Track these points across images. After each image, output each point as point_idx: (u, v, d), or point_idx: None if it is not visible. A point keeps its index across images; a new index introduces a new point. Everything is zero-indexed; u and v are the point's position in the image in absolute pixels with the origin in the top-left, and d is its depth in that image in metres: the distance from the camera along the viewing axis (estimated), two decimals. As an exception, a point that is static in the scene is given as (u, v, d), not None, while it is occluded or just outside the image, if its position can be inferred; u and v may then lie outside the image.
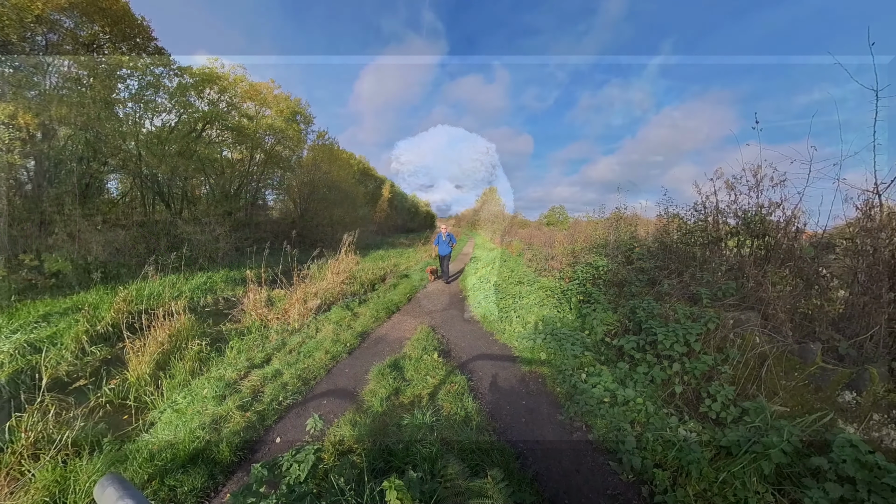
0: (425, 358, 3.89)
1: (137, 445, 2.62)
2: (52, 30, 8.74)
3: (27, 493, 2.18)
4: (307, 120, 17.42)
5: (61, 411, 3.27)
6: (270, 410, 3.06)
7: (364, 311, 5.89)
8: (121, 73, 10.29)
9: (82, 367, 4.78)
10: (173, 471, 2.36)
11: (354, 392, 3.40)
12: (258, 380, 3.56)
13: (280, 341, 4.68)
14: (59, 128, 8.96)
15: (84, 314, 5.75)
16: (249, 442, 2.72)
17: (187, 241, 9.51)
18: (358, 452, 2.36)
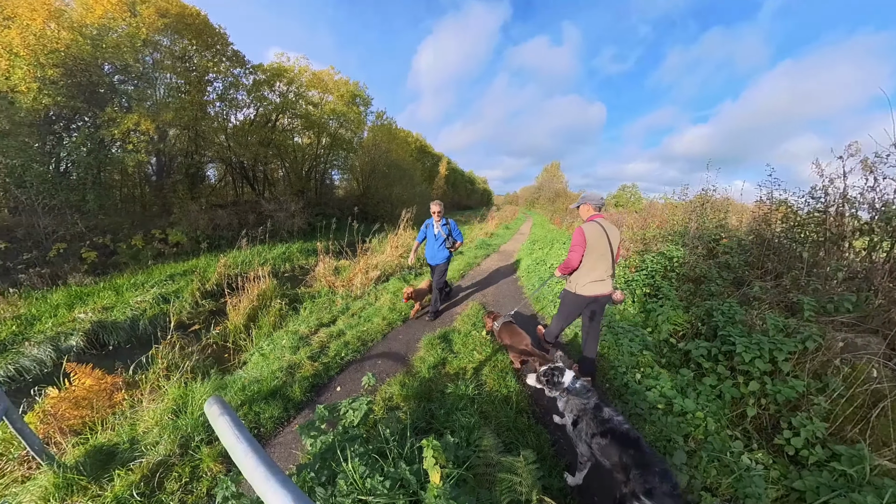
0: (473, 334, 3.98)
1: (234, 378, 3.26)
2: (156, 49, 10.42)
3: (163, 401, 2.91)
4: (366, 102, 18.07)
5: (184, 346, 4.23)
6: (334, 363, 3.47)
7: (419, 284, 6.24)
8: (208, 77, 12.04)
9: (197, 316, 6.06)
10: (258, 400, 2.86)
11: (405, 357, 3.63)
12: (325, 337, 4.05)
13: (344, 305, 5.22)
14: (169, 129, 10.83)
15: (197, 275, 7.21)
16: (315, 387, 3.16)
17: (269, 218, 10.95)
18: (404, 410, 2.61)
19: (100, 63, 9.28)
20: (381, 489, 1.46)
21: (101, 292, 6.56)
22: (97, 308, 5.90)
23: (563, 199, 27.71)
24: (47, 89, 8.13)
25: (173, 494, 2.07)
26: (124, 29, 9.48)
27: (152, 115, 9.53)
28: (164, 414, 2.70)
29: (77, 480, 2.11)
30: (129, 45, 9.32)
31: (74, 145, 8.89)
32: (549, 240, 11.01)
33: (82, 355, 4.91)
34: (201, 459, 2.28)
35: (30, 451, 2.14)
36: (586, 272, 2.81)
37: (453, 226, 4.54)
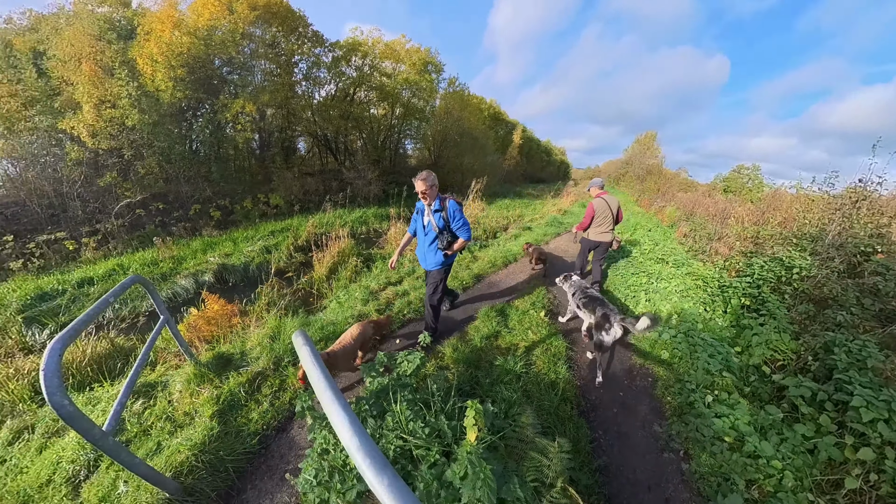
0: (531, 313, 3.95)
1: (315, 318, 3.82)
2: (251, 40, 11.96)
3: (263, 328, 3.61)
4: (438, 69, 17.81)
5: (280, 289, 5.15)
6: (396, 319, 3.78)
7: (483, 256, 6.07)
8: (294, 59, 13.36)
9: (290, 265, 7.14)
10: (332, 339, 3.29)
11: (460, 324, 3.75)
12: (391, 294, 4.41)
13: (411, 268, 5.48)
14: (266, 109, 12.40)
15: (291, 232, 8.46)
16: None
17: (349, 185, 12.08)
18: (452, 371, 2.76)
19: (211, 58, 11.10)
20: (420, 433, 1.65)
21: (224, 242, 8.33)
22: (221, 254, 7.59)
23: (656, 179, 22.42)
24: (178, 86, 10.07)
25: (266, 397, 2.68)
26: (226, 27, 11.02)
27: (253, 99, 11.15)
28: (264, 337, 3.40)
29: (206, 374, 2.86)
30: (231, 40, 10.89)
31: (200, 128, 11.04)
32: (632, 224, 9.40)
33: (212, 288, 6.32)
34: (288, 376, 2.85)
35: (180, 349, 2.97)
36: (595, 227, 4.46)
37: (454, 211, 2.89)
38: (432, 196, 2.90)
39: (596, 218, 4.36)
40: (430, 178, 2.85)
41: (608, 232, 4.39)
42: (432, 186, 2.88)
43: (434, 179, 2.88)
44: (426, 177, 2.83)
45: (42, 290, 5.84)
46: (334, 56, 14.37)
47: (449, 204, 2.94)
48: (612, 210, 4.30)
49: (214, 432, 2.30)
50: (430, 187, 2.86)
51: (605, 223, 4.34)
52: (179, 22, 10.35)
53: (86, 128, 9.48)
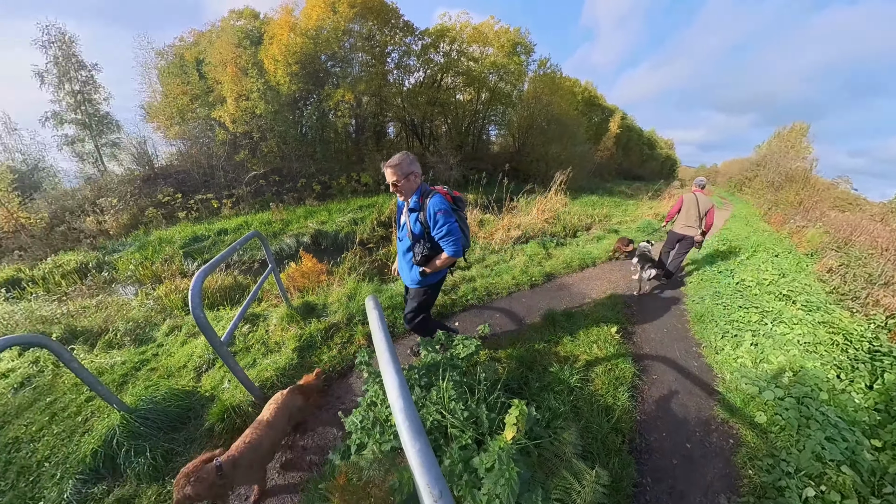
0: (602, 326, 3.58)
1: (387, 287, 4.19)
2: (350, 35, 13.35)
3: (343, 288, 4.15)
4: (527, 49, 17.01)
5: (361, 256, 5.77)
6: (459, 302, 3.88)
7: (558, 254, 5.76)
8: (388, 50, 14.33)
9: (372, 237, 7.82)
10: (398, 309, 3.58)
11: (522, 320, 3.64)
12: (458, 278, 4.48)
13: (481, 256, 5.56)
14: (362, 97, 13.59)
15: (376, 209, 9.25)
16: (440, 315, 3.67)
17: (431, 168, 12.54)
18: (503, 365, 2.73)
19: (318, 55, 12.67)
20: (459, 415, 1.69)
21: (321, 212, 9.67)
22: (318, 221, 8.82)
23: (799, 188, 16.28)
24: (293, 80, 11.92)
25: (336, 345, 3.12)
26: (330, 25, 12.44)
27: (351, 88, 12.50)
28: (342, 296, 3.93)
29: (295, 316, 3.47)
30: (334, 37, 12.33)
31: (309, 115, 12.84)
32: (751, 244, 7.28)
33: (308, 248, 7.39)
34: (356, 332, 3.26)
35: (280, 293, 3.66)
36: (679, 220, 4.68)
37: (436, 213, 2.02)
38: (408, 189, 2.04)
39: (682, 210, 4.60)
40: (403, 165, 1.98)
41: (691, 227, 4.54)
42: (407, 176, 1.99)
43: (410, 166, 2.00)
44: (398, 162, 1.97)
45: (195, 234, 8.28)
46: (423, 44, 14.93)
47: (430, 202, 2.01)
48: (699, 208, 4.46)
49: (293, 362, 2.85)
50: (403, 177, 1.98)
51: (689, 218, 4.53)
52: (294, 26, 12.16)
53: (229, 116, 12.05)
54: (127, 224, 9.76)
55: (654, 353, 3.43)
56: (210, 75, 12.85)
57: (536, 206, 7.86)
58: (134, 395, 2.49)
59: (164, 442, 2.24)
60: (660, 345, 3.58)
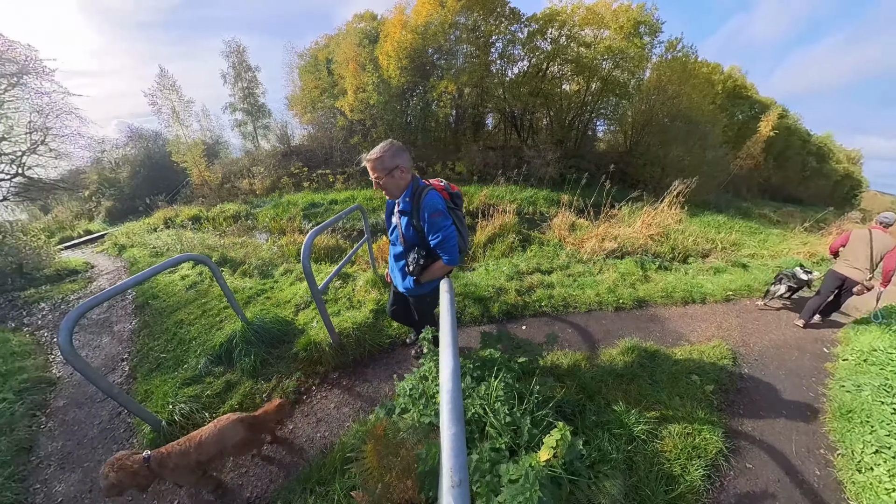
0: (694, 378, 2.85)
1: (462, 275, 4.29)
2: (456, 28, 13.78)
3: None
4: (653, 29, 14.68)
5: None
6: (532, 306, 3.69)
7: (658, 280, 4.79)
8: (491, 40, 14.26)
9: None
10: (468, 297, 3.69)
11: (596, 343, 3.24)
12: (536, 281, 4.28)
13: (565, 262, 5.12)
14: (464, 88, 13.92)
15: (465, 198, 9.37)
16: (509, 314, 3.55)
17: (527, 163, 12.21)
18: (562, 385, 2.45)
19: (426, 49, 13.53)
20: (501, 417, 1.64)
21: None
22: None
23: None
24: (403, 73, 13.11)
25: None
26: (437, 20, 13.07)
27: (454, 79, 13.08)
28: None
29: (377, 282, 3.85)
30: (441, 31, 13.01)
31: (414, 105, 13.84)
32: None
33: None
34: None
35: (370, 260, 4.16)
36: (843, 257, 3.71)
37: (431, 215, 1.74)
38: (394, 187, 1.75)
39: (847, 246, 3.68)
40: (385, 158, 1.68)
41: (857, 270, 3.57)
42: (391, 171, 1.69)
43: (393, 158, 1.69)
44: (378, 154, 1.68)
45: (313, 201, 10.42)
46: (529, 31, 14.34)
47: (424, 202, 1.73)
48: (872, 247, 3.46)
49: (368, 321, 3.17)
50: (385, 173, 1.69)
51: (856, 257, 3.57)
52: (405, 23, 13.24)
53: (348, 106, 13.96)
54: (268, 187, 13.18)
55: (758, 434, 2.51)
56: (336, 71, 15.33)
57: (642, 218, 6.62)
58: (252, 313, 3.19)
59: (264, 352, 2.89)
60: (770, 427, 2.60)
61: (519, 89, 14.38)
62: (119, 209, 15.19)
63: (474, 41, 13.81)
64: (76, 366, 1.77)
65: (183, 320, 3.82)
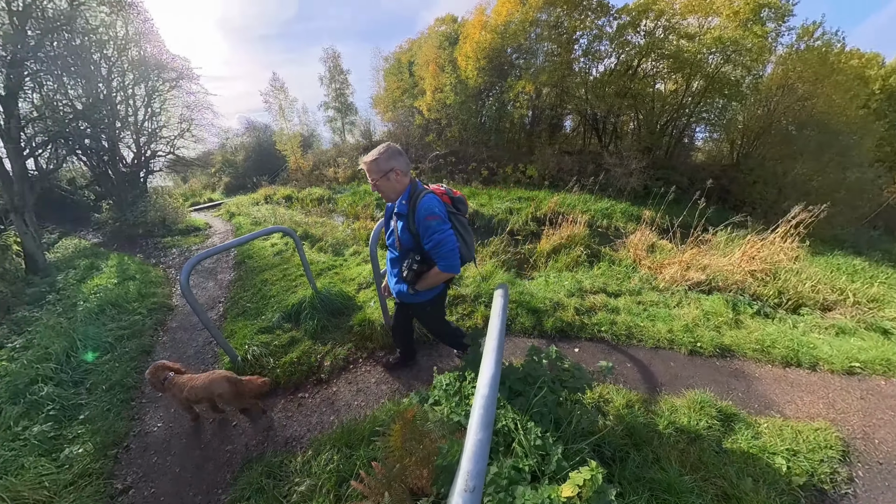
0: (778, 463, 2.20)
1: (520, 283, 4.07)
2: (537, 25, 13.21)
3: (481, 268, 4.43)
4: (781, 12, 11.82)
5: (507, 245, 6.10)
6: (589, 328, 3.35)
7: (753, 328, 3.76)
8: (575, 36, 13.35)
9: (522, 230, 7.76)
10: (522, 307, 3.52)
11: (657, 386, 2.78)
12: (599, 302, 3.84)
13: (637, 287, 4.46)
14: (543, 88, 13.51)
15: (534, 203, 9.11)
16: (563, 332, 3.32)
17: (606, 171, 11.14)
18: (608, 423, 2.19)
19: (505, 48, 13.39)
20: (531, 437, 1.57)
21: (482, 195, 10.39)
22: (478, 203, 9.48)
23: None
24: (480, 74, 13.25)
25: (457, 313, 3.47)
26: (518, 18, 12.73)
27: (533, 79, 12.71)
28: (478, 275, 4.15)
29: None
30: (521, 29, 12.69)
31: (489, 106, 13.90)
32: None
33: None
34: (478, 311, 3.47)
35: None
36: None
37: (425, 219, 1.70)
38: (390, 190, 1.75)
39: None
40: (380, 160, 1.68)
41: None
42: (386, 174, 1.70)
43: (389, 161, 1.69)
44: (374, 157, 1.69)
45: None
46: (619, 24, 13.02)
47: (420, 206, 1.69)
48: None
49: None
50: (380, 175, 1.70)
51: None
52: (485, 24, 13.29)
53: (426, 105, 14.64)
54: (349, 176, 14.96)
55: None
56: (416, 73, 16.38)
57: (742, 249, 5.27)
58: (321, 284, 3.71)
59: (325, 319, 3.32)
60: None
61: (604, 89, 13.29)
62: (233, 184, 18.77)
63: (556, 38, 13.15)
64: (189, 300, 2.35)
65: (267, 280, 4.63)
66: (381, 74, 20.13)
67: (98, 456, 2.28)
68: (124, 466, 2.31)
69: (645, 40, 12.90)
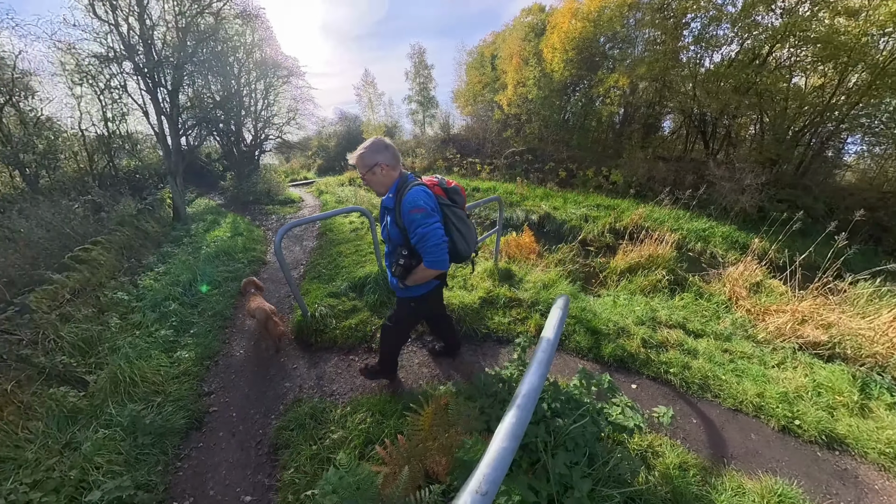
0: None
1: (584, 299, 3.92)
2: (637, 9, 11.61)
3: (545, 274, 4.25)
4: None
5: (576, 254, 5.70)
6: (654, 366, 2.95)
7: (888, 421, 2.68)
8: (685, 20, 11.29)
9: (596, 241, 7.22)
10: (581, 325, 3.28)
11: (726, 456, 2.30)
12: (674, 339, 3.31)
13: (727, 332, 3.63)
14: (639, 83, 12.23)
15: (614, 213, 8.33)
16: (622, 363, 2.98)
17: (710, 185, 9.17)
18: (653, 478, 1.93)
19: (597, 37, 12.33)
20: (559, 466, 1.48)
21: (557, 197, 9.91)
22: (551, 205, 9.14)
23: None
24: (567, 66, 12.41)
25: (510, 316, 3.38)
26: (614, 3, 11.52)
27: (628, 72, 11.33)
28: (539, 281, 4.05)
29: (494, 274, 4.10)
30: (617, 15, 11.46)
31: (575, 102, 13.04)
32: None
33: (532, 225, 7.74)
34: (532, 318, 3.35)
35: (493, 251, 4.38)
36: None
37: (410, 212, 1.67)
38: (377, 184, 1.79)
39: None
40: (366, 154, 1.73)
41: None
42: (371, 168, 1.73)
43: (374, 155, 1.72)
44: (360, 151, 1.75)
45: None
46: (746, 1, 10.54)
47: (405, 200, 1.68)
48: None
49: (474, 306, 3.37)
50: (366, 170, 1.74)
51: None
52: (576, 11, 12.25)
53: (506, 100, 14.39)
54: (425, 167, 15.75)
55: None
56: (499, 67, 16.32)
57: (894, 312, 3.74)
58: None
59: (384, 296, 3.60)
60: None
61: (718, 84, 11.23)
62: (325, 166, 21.67)
63: (660, 23, 11.40)
64: (279, 258, 2.83)
65: (342, 252, 5.26)
66: (463, 69, 20.71)
67: (196, 363, 2.96)
68: (212, 376, 2.93)
69: (782, 21, 10.37)
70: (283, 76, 12.43)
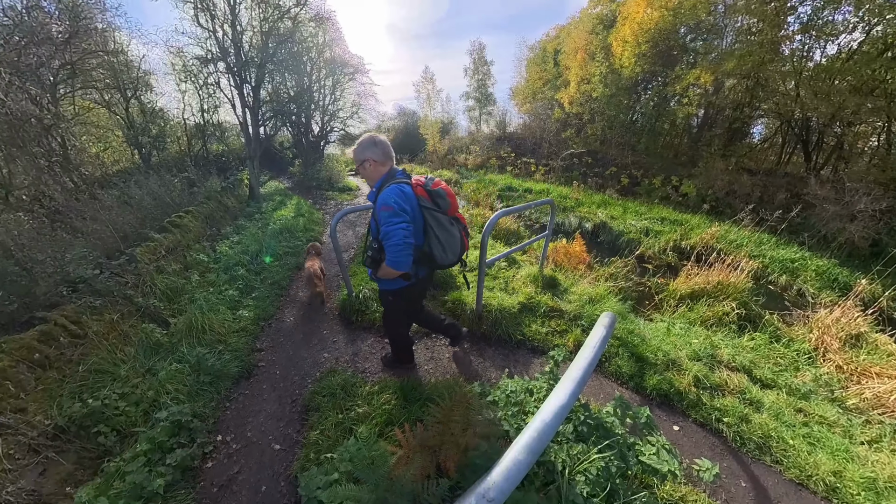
0: None
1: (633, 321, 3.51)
2: None
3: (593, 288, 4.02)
4: None
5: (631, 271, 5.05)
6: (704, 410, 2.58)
7: None
8: (791, 3, 9.42)
9: (656, 258, 6.59)
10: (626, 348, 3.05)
11: None
12: (734, 383, 2.88)
13: (806, 387, 3.09)
14: (725, 80, 10.69)
15: (681, 229, 7.47)
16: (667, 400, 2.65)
17: (808, 206, 7.69)
18: None
19: (676, 28, 10.91)
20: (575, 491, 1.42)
21: (616, 206, 9.21)
22: (608, 214, 8.53)
23: None
24: (639, 61, 11.23)
25: (547, 326, 3.28)
26: None
27: (713, 68, 9.82)
28: (586, 295, 3.79)
29: (538, 280, 3.90)
30: (703, 2, 9.93)
31: (646, 101, 11.95)
32: None
33: (584, 234, 7.15)
34: (571, 333, 3.19)
35: (540, 257, 4.20)
36: None
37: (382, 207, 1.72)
38: (368, 178, 1.93)
39: None
40: (358, 149, 1.89)
41: None
42: (361, 163, 1.90)
43: (364, 151, 1.86)
44: (355, 146, 1.93)
45: (510, 185, 11.74)
46: None
47: (380, 196, 1.77)
48: None
49: (513, 310, 3.33)
50: (357, 164, 1.93)
51: None
52: (653, 0, 10.73)
53: (568, 98, 13.68)
54: (478, 164, 15.92)
55: None
56: (562, 62, 15.50)
57: None
58: None
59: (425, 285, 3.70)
60: None
61: (831, 82, 9.44)
62: None
63: (758, 8, 9.69)
64: (333, 240, 3.12)
65: None
66: (523, 65, 20.12)
67: (254, 323, 3.41)
68: (264, 336, 3.34)
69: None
70: (349, 73, 13.31)
